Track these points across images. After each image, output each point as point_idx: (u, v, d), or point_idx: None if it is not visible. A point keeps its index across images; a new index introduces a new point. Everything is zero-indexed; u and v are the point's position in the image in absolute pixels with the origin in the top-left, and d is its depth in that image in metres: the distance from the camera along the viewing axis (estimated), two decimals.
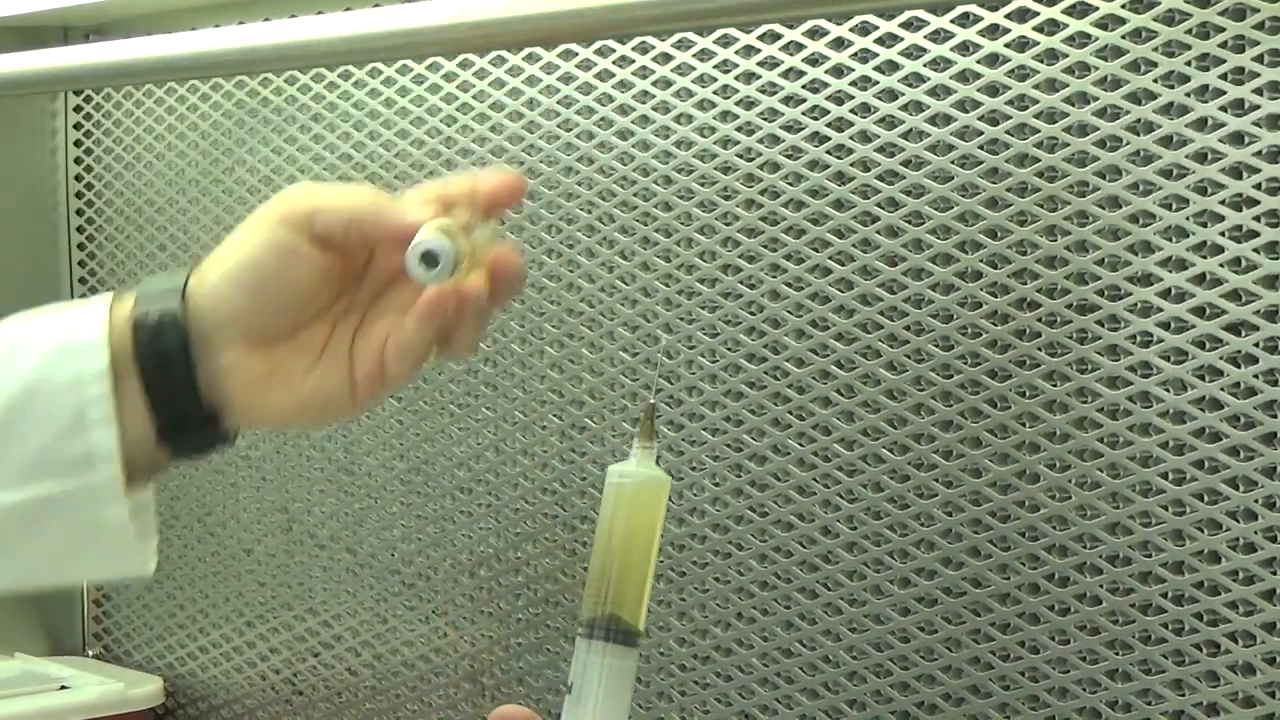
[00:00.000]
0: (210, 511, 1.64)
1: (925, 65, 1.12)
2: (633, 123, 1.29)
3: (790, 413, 1.20)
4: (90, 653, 1.76)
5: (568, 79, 1.33)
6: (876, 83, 1.14)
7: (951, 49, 1.11)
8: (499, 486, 1.39)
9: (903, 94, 1.13)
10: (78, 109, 1.73)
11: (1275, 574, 0.99)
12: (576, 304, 1.33)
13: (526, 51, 1.35)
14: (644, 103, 1.28)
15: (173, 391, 0.75)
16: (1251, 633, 1.00)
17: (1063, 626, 1.08)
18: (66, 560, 0.79)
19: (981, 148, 1.10)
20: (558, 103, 1.33)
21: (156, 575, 1.68)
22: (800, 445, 1.19)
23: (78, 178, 1.73)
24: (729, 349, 1.23)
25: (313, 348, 0.77)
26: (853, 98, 1.16)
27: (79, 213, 1.73)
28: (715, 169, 1.23)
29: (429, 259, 0.71)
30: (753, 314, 1.22)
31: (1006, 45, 1.08)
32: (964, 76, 1.10)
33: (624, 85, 1.29)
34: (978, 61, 1.09)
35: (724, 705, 1.25)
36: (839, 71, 1.16)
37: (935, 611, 1.14)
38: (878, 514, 1.16)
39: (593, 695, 0.60)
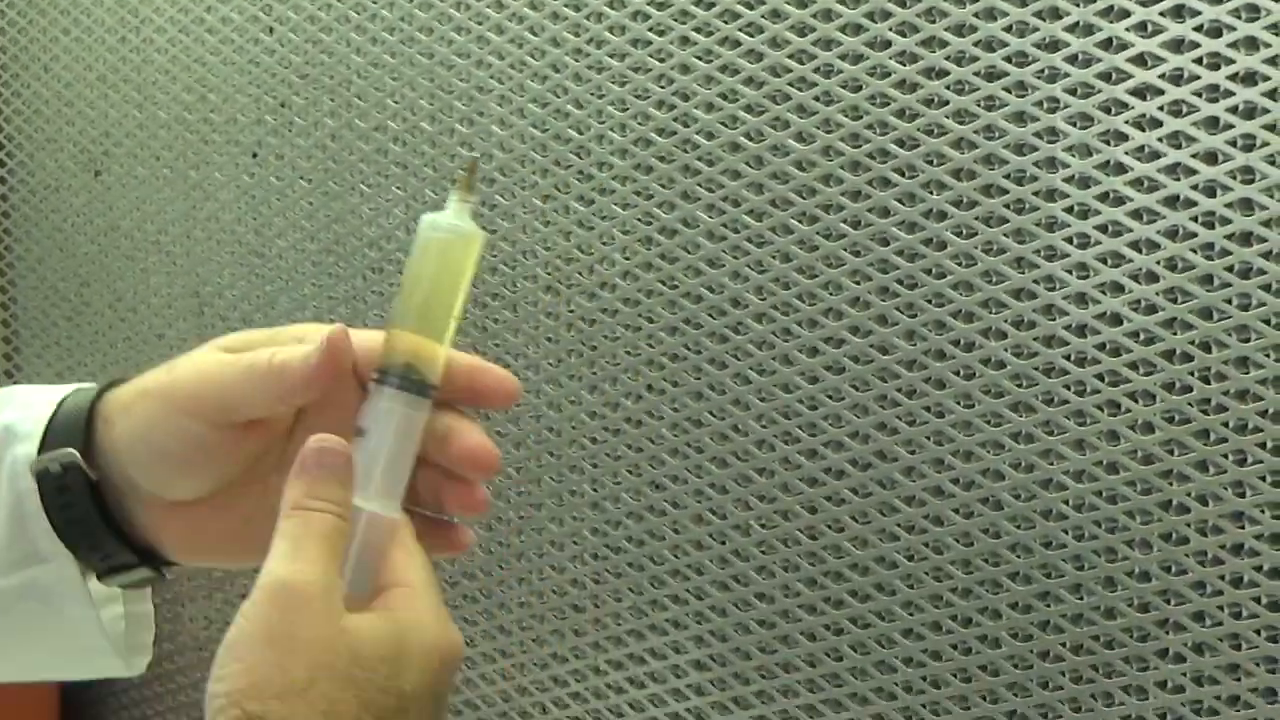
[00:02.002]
0: (121, 297, 1.61)
1: None
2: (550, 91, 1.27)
3: (708, 400, 1.21)
4: None
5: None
6: (787, 17, 1.14)
7: None
8: None
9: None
10: None
11: (1175, 548, 1.02)
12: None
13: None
14: (559, 72, 1.26)
15: (91, 544, 0.68)
16: (1146, 602, 1.03)
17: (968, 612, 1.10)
18: (29, 654, 0.72)
19: (892, 58, 1.09)
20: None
21: (58, 367, 1.65)
22: (713, 443, 1.20)
23: None
24: (649, 345, 1.23)
25: (246, 503, 0.69)
26: (760, 39, 1.15)
27: None
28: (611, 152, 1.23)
29: None
30: (671, 313, 1.22)
31: None
32: None
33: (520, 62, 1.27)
34: None
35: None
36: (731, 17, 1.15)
37: (830, 598, 1.16)
38: (789, 513, 1.17)
39: (383, 439, 0.62)
